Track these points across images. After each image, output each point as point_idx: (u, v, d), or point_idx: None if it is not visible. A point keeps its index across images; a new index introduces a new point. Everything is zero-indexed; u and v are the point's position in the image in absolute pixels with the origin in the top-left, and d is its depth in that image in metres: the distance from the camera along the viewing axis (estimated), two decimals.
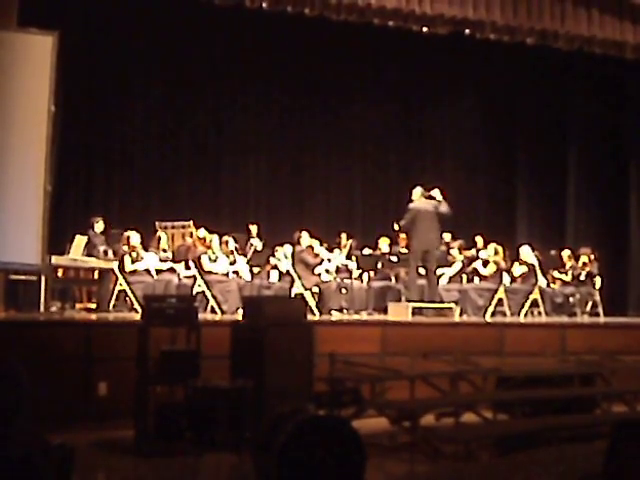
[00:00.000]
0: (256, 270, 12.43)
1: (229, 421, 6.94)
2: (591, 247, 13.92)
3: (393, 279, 12.80)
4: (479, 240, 13.66)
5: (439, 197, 11.29)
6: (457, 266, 12.98)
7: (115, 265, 11.40)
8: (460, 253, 13.29)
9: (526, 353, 9.45)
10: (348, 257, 13.32)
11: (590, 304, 13.30)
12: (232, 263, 12.02)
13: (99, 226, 11.89)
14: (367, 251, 13.50)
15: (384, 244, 13.29)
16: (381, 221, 14.45)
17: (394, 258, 12.76)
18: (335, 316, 11.60)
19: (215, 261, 11.73)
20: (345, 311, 12.12)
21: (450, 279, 12.88)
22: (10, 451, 2.60)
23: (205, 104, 14.73)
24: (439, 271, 12.18)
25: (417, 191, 11.33)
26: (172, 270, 11.93)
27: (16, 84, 9.04)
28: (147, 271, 11.62)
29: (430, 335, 9.51)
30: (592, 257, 13.58)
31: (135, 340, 7.13)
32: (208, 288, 11.39)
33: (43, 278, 10.07)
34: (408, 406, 7.41)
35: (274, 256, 12.54)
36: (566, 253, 13.77)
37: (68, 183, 12.96)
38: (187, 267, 11.88)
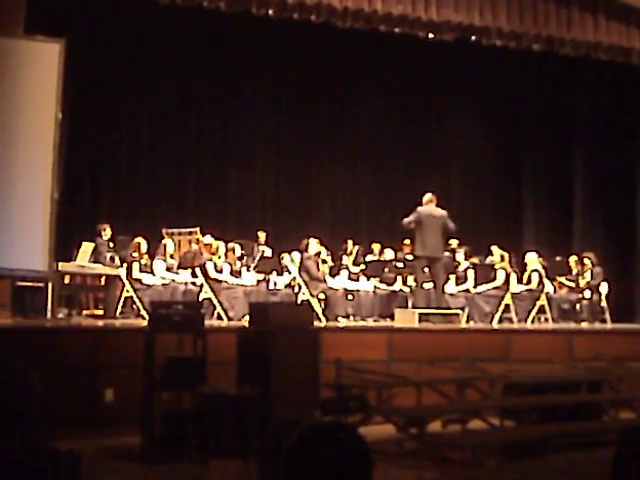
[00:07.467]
0: (262, 277, 12.43)
1: (235, 428, 6.94)
2: (594, 252, 13.89)
3: (400, 285, 12.79)
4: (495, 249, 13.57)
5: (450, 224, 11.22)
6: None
7: (122, 272, 11.42)
8: (466, 259, 13.28)
9: (533, 359, 9.42)
10: (355, 263, 13.35)
11: (597, 310, 13.26)
12: (237, 275, 11.97)
13: (107, 233, 11.91)
14: (370, 257, 13.53)
15: (381, 250, 13.36)
16: (387, 228, 14.48)
17: (400, 264, 12.75)
18: (341, 322, 11.59)
19: (221, 272, 11.72)
20: (351, 317, 12.11)
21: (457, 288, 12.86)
22: (18, 457, 2.60)
23: (211, 110, 14.76)
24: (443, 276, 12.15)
25: (427, 196, 11.28)
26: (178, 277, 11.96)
27: (23, 91, 9.06)
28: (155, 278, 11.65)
29: (437, 341, 9.49)
30: (594, 260, 13.54)
31: (142, 347, 7.13)
32: (214, 294, 11.39)
33: (50, 285, 10.10)
34: (415, 413, 7.40)
35: (280, 263, 12.54)
36: (573, 259, 13.74)
37: (75, 190, 12.99)
38: (193, 274, 11.89)
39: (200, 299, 11.17)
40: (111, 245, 11.97)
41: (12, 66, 9.02)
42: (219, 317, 11.28)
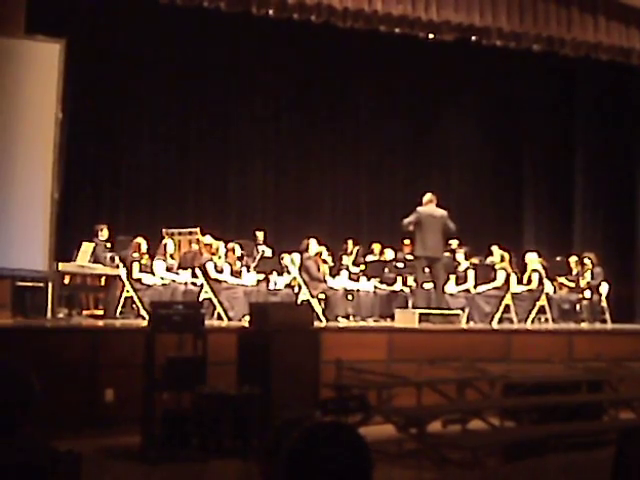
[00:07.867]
0: (262, 277, 12.42)
1: (235, 428, 6.95)
2: (594, 252, 13.89)
3: (400, 285, 12.79)
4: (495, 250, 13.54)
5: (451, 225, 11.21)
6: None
7: (122, 272, 11.41)
8: (466, 259, 13.28)
9: (533, 360, 9.42)
10: (355, 264, 13.34)
11: (597, 310, 13.27)
12: (237, 275, 11.97)
13: (104, 234, 11.90)
14: (370, 257, 13.52)
15: (382, 250, 13.35)
16: (387, 228, 14.48)
17: (400, 264, 12.75)
18: (342, 323, 11.59)
19: (221, 272, 11.72)
20: (352, 317, 12.10)
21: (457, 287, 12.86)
22: (17, 458, 2.60)
23: (212, 110, 14.76)
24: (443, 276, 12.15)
25: (427, 197, 11.26)
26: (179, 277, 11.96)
27: (23, 91, 9.06)
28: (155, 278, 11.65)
29: (437, 342, 9.49)
30: (595, 260, 13.53)
31: (142, 347, 7.13)
32: (215, 294, 11.39)
33: (50, 285, 10.10)
34: (415, 413, 7.40)
35: (280, 263, 12.54)
36: (573, 259, 13.74)
37: (75, 190, 12.98)
38: (193, 274, 11.89)
39: (200, 299, 11.17)
40: (108, 245, 11.95)
41: (12, 66, 9.02)
42: (219, 317, 11.27)
